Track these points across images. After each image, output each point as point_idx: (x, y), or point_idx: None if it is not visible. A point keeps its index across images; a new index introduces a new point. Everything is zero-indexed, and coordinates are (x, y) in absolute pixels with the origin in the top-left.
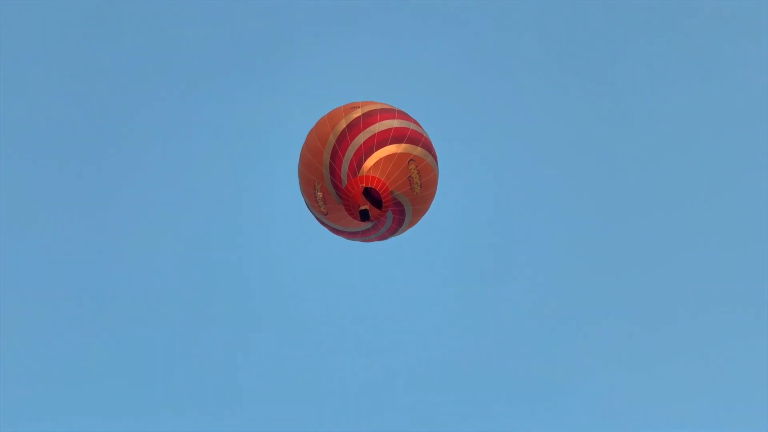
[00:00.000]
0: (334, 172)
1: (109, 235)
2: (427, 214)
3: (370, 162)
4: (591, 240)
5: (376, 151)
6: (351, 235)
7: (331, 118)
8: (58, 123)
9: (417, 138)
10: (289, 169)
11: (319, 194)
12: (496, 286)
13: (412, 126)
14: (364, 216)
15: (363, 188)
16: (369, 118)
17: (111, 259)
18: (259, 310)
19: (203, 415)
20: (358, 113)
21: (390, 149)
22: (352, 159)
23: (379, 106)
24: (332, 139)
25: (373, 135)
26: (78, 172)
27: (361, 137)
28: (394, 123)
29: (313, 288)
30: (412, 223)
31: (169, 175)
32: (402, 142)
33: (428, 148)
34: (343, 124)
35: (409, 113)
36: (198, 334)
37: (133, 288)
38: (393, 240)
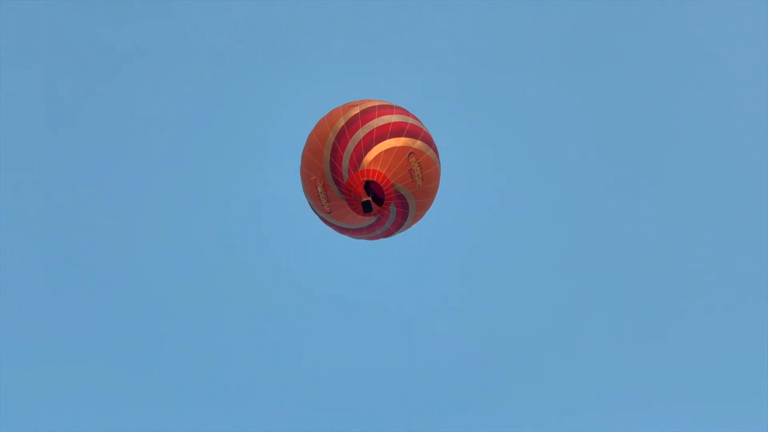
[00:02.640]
0: (335, 168)
1: (110, 234)
2: (431, 210)
3: (370, 156)
4: (594, 239)
5: (375, 145)
6: (356, 232)
7: (330, 117)
8: (59, 123)
9: (416, 132)
10: (292, 171)
11: (320, 189)
12: (500, 284)
13: (410, 120)
14: (367, 208)
15: (364, 182)
16: (367, 114)
17: (112, 259)
18: (263, 309)
19: (204, 414)
20: (356, 110)
21: (389, 143)
22: (352, 154)
23: (377, 103)
24: (332, 137)
25: (372, 130)
26: (78, 172)
27: (360, 132)
28: (393, 118)
29: (317, 287)
30: (416, 218)
31: (172, 176)
32: (401, 136)
33: (428, 141)
34: (342, 122)
35: (408, 109)
36: (201, 333)
37: (136, 287)
38: (398, 236)
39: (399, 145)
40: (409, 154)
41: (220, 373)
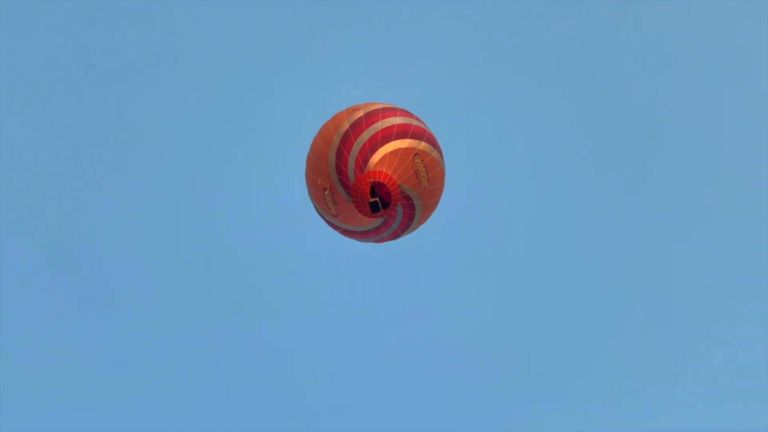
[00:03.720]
0: (340, 171)
1: (114, 235)
2: (436, 212)
3: (375, 158)
4: (597, 239)
5: (380, 147)
6: (363, 235)
7: (334, 121)
8: (65, 124)
9: (420, 133)
10: (296, 176)
11: (327, 192)
12: (503, 285)
13: (414, 122)
14: (374, 208)
15: (371, 183)
16: (372, 117)
17: (116, 259)
18: (264, 312)
19: (204, 413)
20: (360, 113)
21: (395, 144)
22: (357, 156)
23: (381, 106)
24: (336, 140)
25: (377, 132)
26: (82, 173)
27: (365, 135)
28: (397, 120)
29: (319, 290)
30: (422, 220)
31: (174, 179)
32: (406, 138)
33: (432, 143)
34: (346, 125)
35: (411, 111)
36: (202, 335)
37: (137, 289)
38: (405, 239)
39: (404, 146)
40: (415, 155)
41: (220, 375)
